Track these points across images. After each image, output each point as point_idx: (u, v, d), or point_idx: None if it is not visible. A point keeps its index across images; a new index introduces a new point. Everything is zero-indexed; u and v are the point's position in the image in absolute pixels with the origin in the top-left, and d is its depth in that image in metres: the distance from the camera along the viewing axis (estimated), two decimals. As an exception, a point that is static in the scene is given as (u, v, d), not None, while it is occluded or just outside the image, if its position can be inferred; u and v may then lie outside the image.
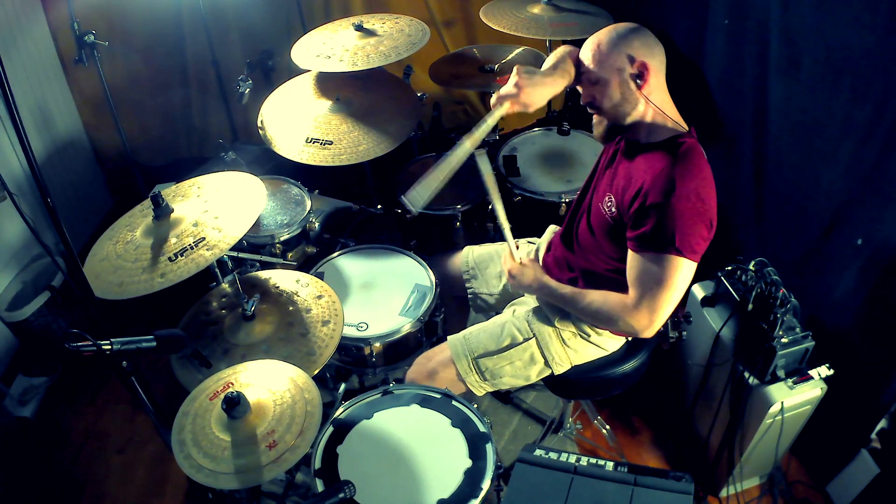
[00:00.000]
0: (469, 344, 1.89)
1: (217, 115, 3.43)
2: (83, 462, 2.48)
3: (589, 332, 1.83)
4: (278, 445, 1.43)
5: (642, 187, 1.57)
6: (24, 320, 2.62)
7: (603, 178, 1.79)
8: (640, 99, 1.61)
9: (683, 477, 1.42)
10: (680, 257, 1.54)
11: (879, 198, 1.83)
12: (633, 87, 1.60)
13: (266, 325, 1.86)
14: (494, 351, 1.86)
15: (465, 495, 1.52)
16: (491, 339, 1.89)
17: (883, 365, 1.92)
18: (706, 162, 1.62)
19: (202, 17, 3.09)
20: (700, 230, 1.55)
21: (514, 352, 1.85)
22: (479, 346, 1.88)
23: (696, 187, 1.54)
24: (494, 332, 1.90)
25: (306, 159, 2.22)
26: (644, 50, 1.59)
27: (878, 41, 1.70)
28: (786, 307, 1.89)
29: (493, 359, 1.86)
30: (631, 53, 1.58)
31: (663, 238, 1.54)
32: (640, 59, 1.58)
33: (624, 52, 1.58)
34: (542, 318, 1.87)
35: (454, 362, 1.87)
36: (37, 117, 2.93)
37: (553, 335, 1.84)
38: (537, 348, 1.85)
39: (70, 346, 1.33)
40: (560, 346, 1.84)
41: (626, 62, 1.58)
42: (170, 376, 1.79)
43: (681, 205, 1.52)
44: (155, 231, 1.70)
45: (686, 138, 1.62)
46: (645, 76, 1.58)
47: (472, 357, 1.87)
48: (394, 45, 2.35)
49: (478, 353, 1.87)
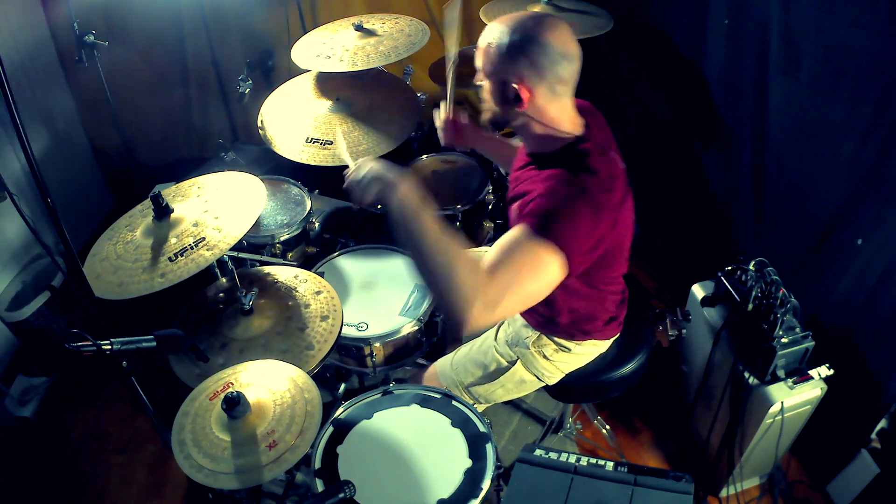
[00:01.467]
0: (458, 374, 1.90)
1: (217, 115, 3.42)
2: (83, 462, 2.48)
3: (569, 345, 1.79)
4: (278, 445, 1.43)
5: (531, 192, 1.45)
6: (24, 320, 2.62)
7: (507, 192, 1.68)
8: (523, 116, 1.50)
9: (683, 477, 1.42)
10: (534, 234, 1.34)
11: (879, 198, 1.83)
12: (512, 104, 1.48)
13: (264, 319, 1.86)
14: (483, 379, 1.87)
15: (465, 495, 1.52)
16: (477, 367, 1.89)
17: (883, 365, 1.93)
18: (605, 170, 1.47)
19: (202, 17, 3.09)
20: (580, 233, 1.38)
21: (502, 378, 1.85)
22: (467, 375, 1.89)
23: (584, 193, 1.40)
24: (479, 361, 1.89)
25: (306, 159, 2.22)
26: (531, 72, 1.42)
27: (878, 41, 1.70)
28: (786, 307, 1.89)
29: (483, 386, 1.87)
30: (514, 77, 1.43)
31: (526, 211, 1.39)
32: (521, 85, 1.43)
33: (507, 72, 1.44)
34: (519, 341, 1.85)
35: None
36: (37, 117, 2.93)
37: (535, 355, 1.82)
38: (524, 370, 1.84)
39: (70, 346, 1.33)
40: (545, 361, 1.83)
41: (506, 79, 1.45)
42: (170, 376, 1.79)
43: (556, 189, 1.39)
44: (155, 231, 1.70)
45: (582, 145, 1.50)
46: (523, 102, 1.45)
47: (462, 387, 1.89)
48: (394, 45, 2.35)
49: (468, 383, 1.89)
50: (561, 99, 1.49)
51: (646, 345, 1.92)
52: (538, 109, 1.48)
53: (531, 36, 1.41)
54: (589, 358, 1.86)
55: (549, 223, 1.35)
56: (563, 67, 1.44)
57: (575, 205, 1.38)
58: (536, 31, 1.41)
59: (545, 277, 1.36)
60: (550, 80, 1.44)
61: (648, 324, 1.98)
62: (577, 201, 1.39)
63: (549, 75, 1.43)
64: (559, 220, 1.36)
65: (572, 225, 1.37)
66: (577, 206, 1.38)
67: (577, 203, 1.38)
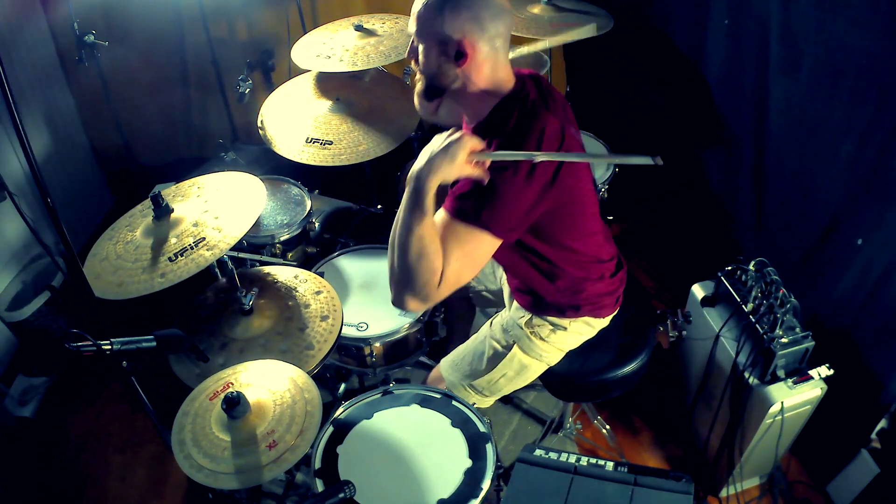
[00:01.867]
0: (460, 371, 1.90)
1: (217, 115, 3.42)
2: (83, 462, 2.48)
3: (563, 322, 1.78)
4: (278, 445, 1.43)
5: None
6: (24, 320, 2.62)
7: None
8: (459, 76, 1.47)
9: (683, 477, 1.42)
10: (452, 217, 1.43)
11: (879, 198, 1.83)
12: (453, 63, 1.45)
13: (264, 319, 1.86)
14: (484, 370, 1.86)
15: (465, 495, 1.52)
16: (476, 359, 1.88)
17: (883, 365, 1.93)
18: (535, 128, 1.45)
19: (202, 17, 3.09)
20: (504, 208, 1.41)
21: (502, 365, 1.84)
22: (468, 370, 1.89)
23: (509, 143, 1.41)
24: (478, 352, 1.89)
25: (306, 159, 2.22)
26: (473, 26, 1.41)
27: (878, 41, 1.70)
28: (786, 307, 1.89)
29: (485, 377, 1.86)
30: (456, 33, 1.41)
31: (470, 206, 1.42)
32: (463, 38, 1.41)
33: (447, 26, 1.40)
34: (513, 325, 1.84)
35: (451, 389, 1.89)
36: (37, 117, 2.93)
37: (532, 336, 1.81)
38: (523, 353, 1.83)
39: (70, 346, 1.33)
40: (541, 342, 1.81)
41: (447, 36, 1.42)
42: (170, 376, 1.79)
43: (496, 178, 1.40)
44: (155, 231, 1.70)
45: (515, 100, 1.48)
46: (466, 57, 1.43)
47: (466, 383, 1.88)
48: (394, 45, 2.35)
49: (469, 376, 1.88)
50: (498, 54, 1.47)
51: (647, 345, 1.92)
52: (477, 66, 1.46)
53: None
54: (586, 336, 1.83)
55: (472, 207, 1.40)
56: (502, 21, 1.44)
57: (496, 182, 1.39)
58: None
59: (480, 257, 1.46)
60: (492, 33, 1.43)
61: (649, 324, 1.98)
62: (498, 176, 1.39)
63: (490, 29, 1.42)
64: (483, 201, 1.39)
65: (492, 203, 1.40)
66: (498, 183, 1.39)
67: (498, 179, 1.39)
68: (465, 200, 1.43)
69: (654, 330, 2.00)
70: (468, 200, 1.42)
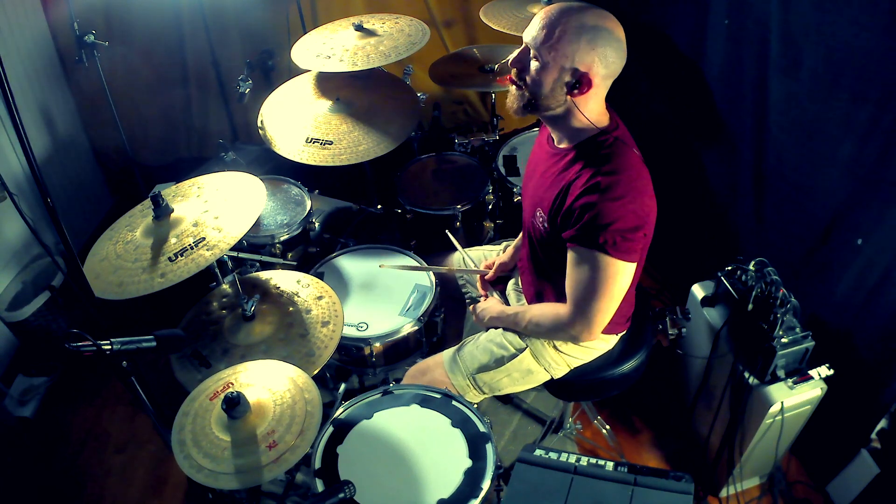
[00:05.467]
0: (464, 361, 1.89)
1: (217, 115, 3.43)
2: (83, 462, 2.48)
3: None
4: (278, 445, 1.43)
5: (566, 189, 1.53)
6: (24, 320, 2.62)
7: (528, 190, 1.76)
8: (567, 103, 1.53)
9: (683, 477, 1.42)
10: (610, 257, 1.50)
11: (879, 198, 1.83)
12: (565, 90, 1.50)
13: (266, 325, 1.86)
14: (491, 366, 1.86)
15: (465, 495, 1.52)
16: (485, 354, 1.88)
17: (883, 365, 1.93)
18: (636, 156, 1.58)
19: (202, 17, 3.09)
20: (630, 227, 1.49)
21: (509, 365, 1.85)
22: (473, 362, 1.88)
23: (623, 183, 1.49)
24: (487, 348, 1.89)
25: (306, 159, 2.22)
26: (600, 63, 1.47)
27: (878, 41, 1.70)
28: (786, 307, 1.89)
29: (489, 373, 1.86)
30: (582, 65, 1.46)
31: (592, 237, 1.49)
32: (588, 72, 1.47)
33: (579, 55, 1.46)
34: None
35: (449, 378, 1.87)
36: (37, 117, 2.93)
37: (546, 344, 1.82)
38: (532, 359, 1.84)
39: (70, 346, 1.33)
40: (554, 352, 1.83)
41: (572, 64, 1.47)
42: (170, 376, 1.79)
43: (607, 203, 1.47)
44: (155, 231, 1.70)
45: (610, 134, 1.56)
46: (582, 89, 1.49)
47: (468, 374, 1.87)
48: (394, 45, 2.35)
49: (474, 370, 1.87)
50: (603, 92, 1.55)
51: (646, 343, 1.92)
52: (586, 99, 1.52)
53: (608, 29, 1.47)
54: (598, 352, 1.86)
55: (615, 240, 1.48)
56: (622, 62, 1.51)
57: (626, 210, 1.48)
58: (611, 25, 1.48)
59: (623, 281, 1.56)
60: (611, 71, 1.51)
61: (648, 322, 1.98)
62: (626, 205, 1.48)
63: (612, 67, 1.50)
64: (622, 235, 1.48)
65: (632, 235, 1.50)
66: (627, 210, 1.48)
67: (628, 207, 1.48)
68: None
69: (652, 327, 2.00)
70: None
